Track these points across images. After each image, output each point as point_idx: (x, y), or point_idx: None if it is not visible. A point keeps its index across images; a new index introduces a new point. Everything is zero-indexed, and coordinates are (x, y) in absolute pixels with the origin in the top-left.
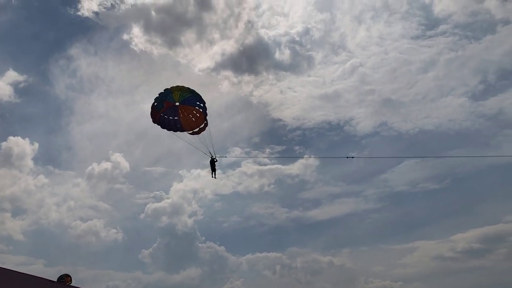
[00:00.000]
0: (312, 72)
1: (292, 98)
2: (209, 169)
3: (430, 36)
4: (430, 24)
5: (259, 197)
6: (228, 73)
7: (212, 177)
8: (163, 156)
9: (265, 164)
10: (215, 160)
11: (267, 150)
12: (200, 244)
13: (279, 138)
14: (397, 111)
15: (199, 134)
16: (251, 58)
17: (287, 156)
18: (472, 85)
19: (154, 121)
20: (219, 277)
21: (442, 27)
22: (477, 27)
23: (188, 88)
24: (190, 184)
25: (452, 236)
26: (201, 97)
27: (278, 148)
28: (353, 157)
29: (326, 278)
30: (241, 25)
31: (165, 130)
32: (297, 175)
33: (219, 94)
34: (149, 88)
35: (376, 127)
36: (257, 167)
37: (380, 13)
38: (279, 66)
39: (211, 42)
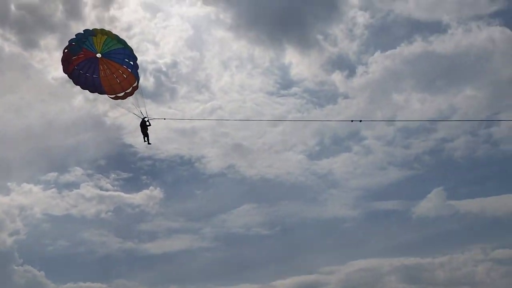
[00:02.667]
0: (174, 105)
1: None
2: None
3: (283, 95)
4: (285, 84)
5: (94, 223)
6: None
7: (144, 141)
8: None
9: (107, 190)
10: (147, 123)
11: (112, 175)
12: (16, 267)
13: (127, 165)
14: (245, 156)
15: (125, 99)
16: None
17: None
18: (310, 145)
19: (65, 71)
20: None
21: (294, 89)
22: (322, 96)
23: (117, 36)
24: (18, 199)
25: (273, 281)
26: (132, 51)
27: (124, 174)
28: (360, 121)
29: None
30: None
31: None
32: (139, 205)
33: (70, 107)
34: None
35: (224, 168)
36: (97, 191)
37: (245, 64)
38: (141, 92)
39: None
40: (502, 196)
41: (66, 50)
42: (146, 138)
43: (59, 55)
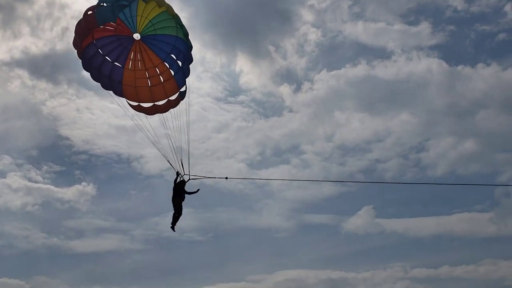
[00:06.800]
0: (117, 101)
1: (88, 119)
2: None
3: (230, 102)
4: (233, 91)
5: (18, 216)
6: (23, 73)
7: (171, 226)
8: None
9: (36, 182)
10: (184, 183)
11: (44, 167)
12: None
13: (61, 158)
14: (186, 160)
15: (152, 115)
16: (56, 66)
17: None
18: (252, 155)
19: (76, 45)
20: None
21: (242, 97)
22: (269, 107)
23: (178, 18)
24: None
25: (202, 287)
26: (190, 48)
27: (56, 167)
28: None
29: None
30: (57, 29)
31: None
32: (69, 200)
33: (4, 92)
34: None
35: (163, 170)
36: (26, 182)
37: (196, 66)
38: (84, 84)
39: (16, 36)
40: (425, 218)
41: (90, 12)
42: (176, 217)
43: (0, 37)
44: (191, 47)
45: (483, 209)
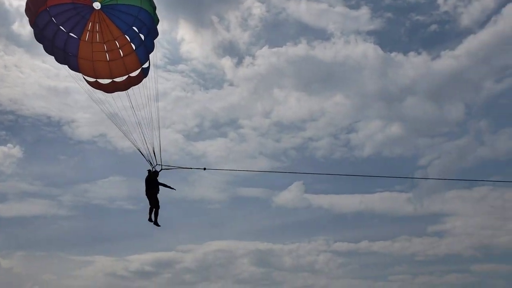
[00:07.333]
0: (49, 60)
1: (16, 78)
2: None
3: (169, 71)
4: (173, 60)
5: None
6: None
7: (150, 220)
8: None
9: None
10: (157, 173)
11: None
12: None
13: None
14: (119, 126)
15: (112, 93)
16: None
17: None
18: (190, 126)
19: (28, 12)
20: None
21: (182, 67)
22: (209, 78)
23: None
24: None
25: (129, 256)
26: (155, 21)
27: None
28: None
29: None
30: None
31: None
32: None
33: None
34: None
35: (95, 136)
36: None
37: None
38: (13, 40)
39: None
40: (350, 195)
41: None
42: (154, 211)
43: None
44: (158, 21)
45: (402, 189)
